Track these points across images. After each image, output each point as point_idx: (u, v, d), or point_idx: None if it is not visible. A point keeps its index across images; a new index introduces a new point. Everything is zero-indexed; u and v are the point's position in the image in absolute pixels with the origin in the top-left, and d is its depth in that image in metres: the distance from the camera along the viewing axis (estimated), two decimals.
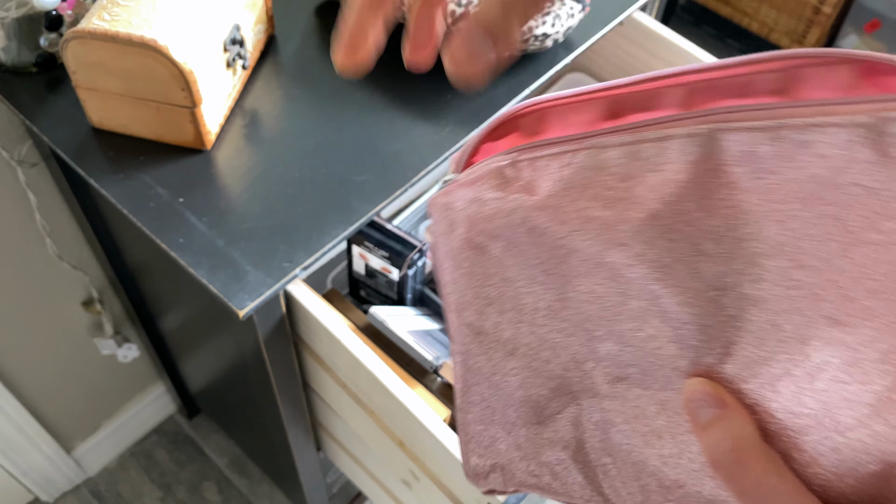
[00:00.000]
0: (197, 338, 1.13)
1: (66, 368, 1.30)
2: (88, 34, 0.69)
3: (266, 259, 0.73)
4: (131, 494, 1.52)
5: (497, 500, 0.70)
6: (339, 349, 0.77)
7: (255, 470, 1.56)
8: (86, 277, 1.19)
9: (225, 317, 0.88)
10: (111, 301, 1.27)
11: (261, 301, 0.70)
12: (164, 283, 1.05)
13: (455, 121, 0.84)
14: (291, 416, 0.96)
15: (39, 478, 1.41)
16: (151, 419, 1.57)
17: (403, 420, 0.76)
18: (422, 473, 0.83)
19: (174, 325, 1.19)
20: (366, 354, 0.75)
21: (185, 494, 1.52)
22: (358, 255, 0.92)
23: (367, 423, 0.86)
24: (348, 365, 0.78)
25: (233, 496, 1.53)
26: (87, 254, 1.17)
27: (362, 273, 0.95)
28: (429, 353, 0.84)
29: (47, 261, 1.12)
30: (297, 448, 1.04)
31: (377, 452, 0.91)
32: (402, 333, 0.85)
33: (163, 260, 0.93)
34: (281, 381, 0.87)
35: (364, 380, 0.77)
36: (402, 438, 0.81)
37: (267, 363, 0.82)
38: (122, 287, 1.16)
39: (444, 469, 0.76)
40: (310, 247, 0.74)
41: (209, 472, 1.55)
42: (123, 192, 0.74)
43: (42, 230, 1.07)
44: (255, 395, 1.02)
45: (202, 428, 1.60)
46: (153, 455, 1.57)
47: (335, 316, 0.76)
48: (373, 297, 0.99)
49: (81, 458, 1.47)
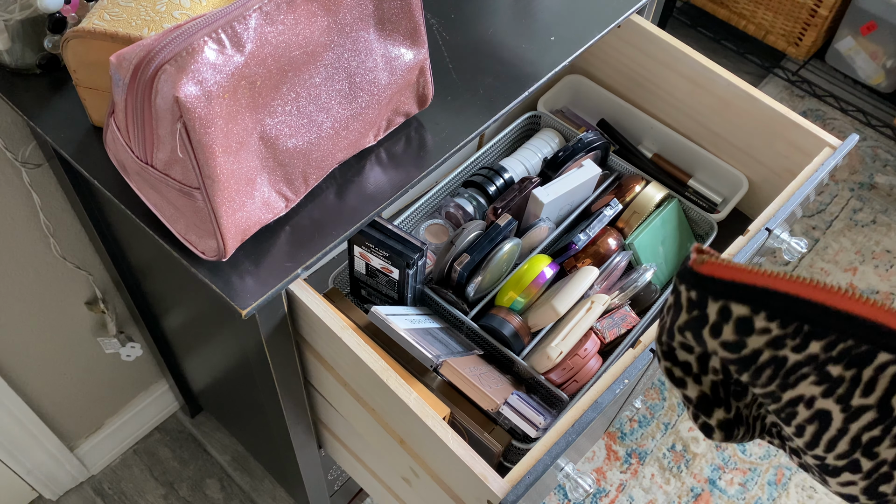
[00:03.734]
0: (199, 336, 1.13)
1: (70, 367, 1.31)
2: (88, 33, 0.70)
3: (268, 259, 0.74)
4: (134, 492, 1.52)
5: (497, 498, 0.71)
6: (340, 348, 0.77)
7: (258, 467, 1.56)
8: (89, 277, 1.20)
9: (227, 316, 0.89)
10: (114, 300, 1.28)
11: (263, 300, 0.71)
12: (167, 283, 1.05)
13: (456, 123, 0.85)
14: (293, 414, 0.97)
15: (43, 475, 1.42)
16: (154, 417, 1.58)
17: (404, 418, 0.77)
18: (422, 470, 0.84)
19: (177, 323, 1.19)
20: (366, 353, 0.76)
21: (188, 492, 1.53)
22: (359, 254, 0.93)
23: (368, 421, 0.87)
24: (349, 363, 0.79)
25: (235, 494, 1.54)
26: (90, 253, 1.18)
27: (363, 273, 0.96)
28: (429, 351, 0.85)
29: (51, 261, 1.13)
30: (298, 445, 1.05)
31: (378, 450, 0.92)
32: (402, 332, 0.85)
33: (166, 259, 0.94)
34: (283, 379, 0.88)
35: (365, 378, 0.78)
36: (402, 436, 0.81)
37: (269, 362, 0.83)
38: (126, 286, 1.17)
39: (444, 466, 0.77)
40: (311, 247, 0.75)
41: (212, 470, 1.56)
42: (125, 191, 0.75)
43: (46, 230, 1.08)
44: (258, 394, 1.02)
45: (205, 426, 1.61)
46: (156, 453, 1.57)
47: (336, 315, 0.77)
48: (373, 297, 1.00)
49: (85, 455, 1.48)
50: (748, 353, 0.41)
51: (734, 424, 0.50)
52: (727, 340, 0.41)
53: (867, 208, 2.07)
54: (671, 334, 0.44)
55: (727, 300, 0.40)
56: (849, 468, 0.43)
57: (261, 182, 0.71)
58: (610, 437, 1.67)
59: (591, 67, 1.21)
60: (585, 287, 0.96)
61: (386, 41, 0.76)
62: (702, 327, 0.41)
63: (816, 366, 0.39)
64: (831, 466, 0.43)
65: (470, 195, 1.09)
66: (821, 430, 0.42)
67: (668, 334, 0.45)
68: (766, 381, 0.41)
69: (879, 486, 0.42)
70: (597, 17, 0.96)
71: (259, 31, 0.62)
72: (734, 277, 0.39)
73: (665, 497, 1.61)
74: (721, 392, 0.48)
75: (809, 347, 0.39)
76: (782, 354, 0.40)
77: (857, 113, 2.24)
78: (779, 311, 0.38)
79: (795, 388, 0.41)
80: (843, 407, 0.40)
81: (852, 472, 0.43)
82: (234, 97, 0.63)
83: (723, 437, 0.50)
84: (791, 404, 0.42)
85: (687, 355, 0.46)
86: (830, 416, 0.41)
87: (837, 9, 2.06)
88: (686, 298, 0.41)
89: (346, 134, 0.76)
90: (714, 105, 1.08)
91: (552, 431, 0.75)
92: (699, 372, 0.47)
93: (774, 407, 0.43)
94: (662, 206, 1.10)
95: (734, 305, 0.39)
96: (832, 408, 0.40)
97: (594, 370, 0.95)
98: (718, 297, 0.40)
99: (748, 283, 0.39)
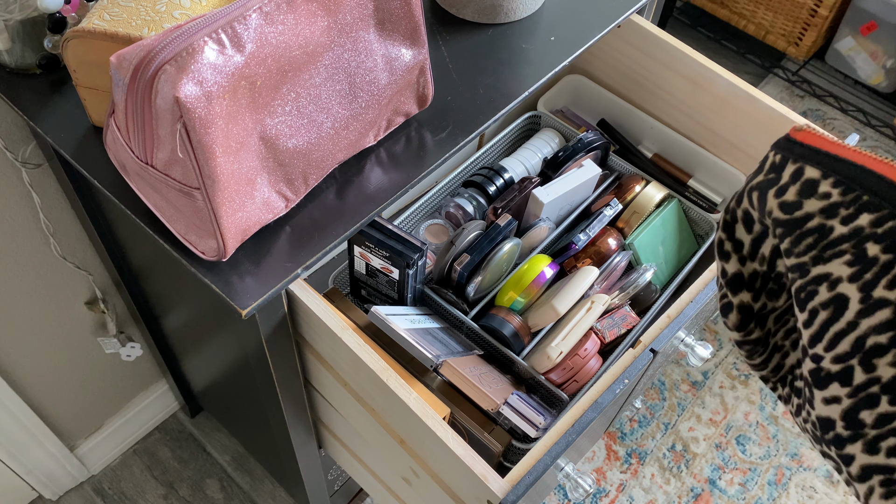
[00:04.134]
0: (200, 336, 1.13)
1: (70, 367, 1.31)
2: (88, 33, 0.70)
3: (268, 259, 0.74)
4: (134, 492, 1.52)
5: (497, 498, 0.71)
6: (340, 348, 0.77)
7: (258, 467, 1.57)
8: (89, 277, 1.20)
9: (227, 316, 0.89)
10: (115, 300, 1.28)
11: (263, 300, 0.71)
12: (167, 283, 1.05)
13: (456, 123, 0.85)
14: (293, 414, 0.97)
15: (43, 476, 1.42)
16: (154, 417, 1.58)
17: (404, 418, 0.77)
18: (422, 470, 0.84)
19: (177, 323, 1.19)
20: (366, 353, 0.76)
21: (188, 492, 1.53)
22: (359, 254, 0.93)
23: (368, 421, 0.87)
24: (349, 363, 0.79)
25: (235, 494, 1.54)
26: (90, 254, 1.18)
27: (363, 273, 0.96)
28: (429, 351, 0.85)
29: (51, 261, 1.13)
30: (298, 445, 1.05)
31: (378, 450, 0.92)
32: (402, 332, 0.85)
33: (166, 259, 0.94)
34: (283, 379, 0.88)
35: (365, 378, 0.78)
36: (402, 436, 0.81)
37: (269, 362, 0.83)
38: (126, 286, 1.17)
39: (444, 466, 0.77)
40: (311, 247, 0.75)
41: (212, 470, 1.56)
42: (125, 191, 0.75)
43: (46, 230, 1.08)
44: (258, 394, 1.02)
45: (205, 426, 1.61)
46: (156, 453, 1.57)
47: (336, 315, 0.77)
48: (373, 297, 1.00)
49: (85, 455, 1.48)
50: (800, 216, 0.42)
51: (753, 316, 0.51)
52: (787, 200, 0.42)
53: None
54: (740, 199, 0.46)
55: (805, 163, 0.42)
56: (840, 377, 0.43)
57: (261, 182, 0.71)
58: (610, 437, 1.67)
59: (591, 67, 1.21)
60: (585, 287, 0.96)
61: (386, 41, 0.76)
62: (770, 187, 0.43)
63: (857, 241, 0.40)
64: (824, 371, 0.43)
65: (470, 195, 1.09)
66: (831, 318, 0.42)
67: (737, 199, 0.47)
68: (803, 249, 0.42)
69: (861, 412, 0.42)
70: (597, 17, 0.96)
71: (259, 32, 0.62)
72: (821, 146, 0.41)
73: (665, 497, 1.61)
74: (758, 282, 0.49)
75: (859, 219, 0.40)
76: (830, 224, 0.41)
77: (857, 113, 2.24)
78: (846, 178, 0.40)
79: (827, 264, 0.42)
80: (863, 296, 0.40)
81: (842, 383, 0.43)
82: (235, 97, 0.63)
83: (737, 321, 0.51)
84: (815, 281, 0.42)
85: (744, 233, 0.48)
86: (847, 304, 0.41)
87: (837, 9, 2.06)
88: (770, 162, 0.44)
89: (346, 134, 0.76)
90: (714, 105, 1.08)
91: (552, 431, 0.75)
92: (747, 255, 0.48)
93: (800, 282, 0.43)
94: (662, 206, 1.10)
95: (808, 168, 0.41)
96: (853, 294, 0.41)
97: (594, 370, 0.95)
98: (798, 159, 0.42)
99: (830, 152, 0.41)
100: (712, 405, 1.73)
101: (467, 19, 0.94)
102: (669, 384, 1.75)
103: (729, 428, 1.70)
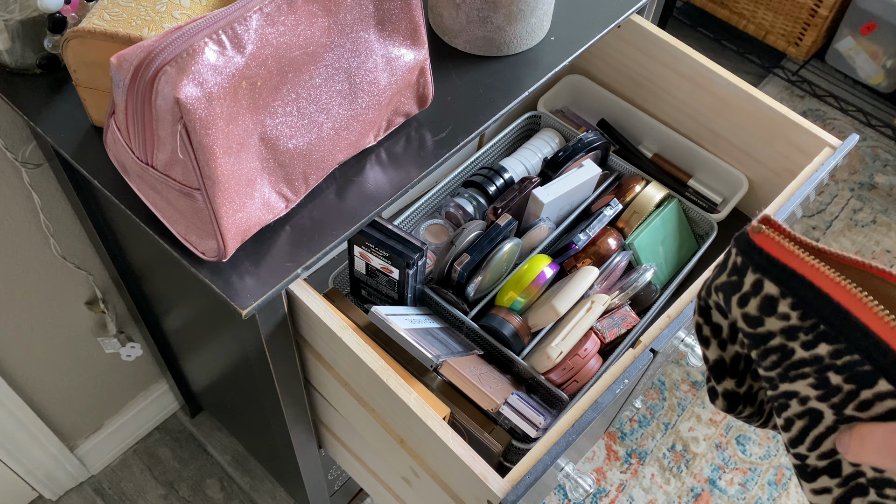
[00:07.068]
0: (199, 336, 1.13)
1: (70, 367, 1.31)
2: (88, 33, 0.70)
3: (268, 259, 0.74)
4: (134, 492, 1.53)
5: (497, 498, 0.71)
6: (340, 348, 0.77)
7: (258, 467, 1.57)
8: (89, 277, 1.20)
9: (227, 316, 0.89)
10: (115, 300, 1.28)
11: (263, 301, 0.71)
12: (168, 283, 1.06)
13: (456, 123, 0.85)
14: (293, 414, 0.97)
15: (43, 476, 1.42)
16: (154, 417, 1.58)
17: (404, 418, 0.77)
18: (422, 470, 0.84)
19: (177, 323, 1.19)
20: (366, 353, 0.76)
21: (188, 492, 1.53)
22: (359, 254, 0.93)
23: (368, 421, 0.87)
24: (349, 363, 0.79)
25: (235, 494, 1.54)
26: (90, 253, 1.18)
27: (363, 273, 0.96)
28: (429, 351, 0.85)
29: (51, 261, 1.13)
30: (298, 445, 1.05)
31: (378, 450, 0.92)
32: (402, 332, 0.85)
33: (166, 260, 0.94)
34: (283, 379, 0.88)
35: (365, 378, 0.78)
36: (402, 436, 0.82)
37: (269, 362, 0.83)
38: (126, 286, 1.17)
39: (444, 466, 0.77)
40: (311, 247, 0.75)
41: (212, 470, 1.56)
42: (126, 191, 0.75)
43: (46, 230, 1.08)
44: (258, 394, 1.02)
45: (205, 426, 1.61)
46: (156, 453, 1.58)
47: (336, 315, 0.77)
48: (373, 297, 1.00)
49: (85, 455, 1.48)
50: (763, 333, 0.41)
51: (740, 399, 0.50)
52: (749, 313, 0.41)
53: (867, 208, 2.07)
54: (709, 291, 0.45)
55: (763, 275, 0.40)
56: (828, 471, 0.42)
57: (261, 183, 0.71)
58: (610, 437, 1.67)
59: (591, 67, 1.21)
60: (585, 287, 0.96)
61: (386, 41, 0.76)
62: (734, 293, 0.42)
63: (819, 368, 0.39)
64: (811, 468, 0.43)
65: (470, 195, 1.09)
66: (809, 426, 0.41)
67: (707, 290, 0.45)
68: (769, 365, 0.41)
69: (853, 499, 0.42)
70: (597, 17, 0.96)
71: (260, 32, 0.62)
72: (779, 256, 0.39)
73: (665, 497, 1.61)
74: (741, 364, 0.48)
75: (818, 348, 0.38)
76: (791, 346, 0.40)
77: (857, 113, 2.24)
78: (803, 302, 0.38)
79: (793, 383, 0.41)
80: (836, 412, 0.39)
81: (831, 475, 0.42)
82: (235, 98, 0.63)
83: (725, 406, 0.50)
84: (785, 396, 0.42)
85: (721, 318, 0.46)
86: (821, 416, 0.40)
87: (837, 9, 2.07)
88: (732, 262, 0.42)
89: (346, 134, 0.76)
90: (714, 105, 1.08)
91: (552, 431, 0.75)
92: (727, 339, 0.47)
93: (771, 393, 0.43)
94: (662, 206, 1.10)
95: (767, 283, 0.40)
96: (825, 409, 0.40)
97: (594, 370, 0.95)
98: (757, 269, 0.40)
99: (788, 266, 0.39)
100: (712, 405, 1.73)
101: (459, 49, 0.91)
102: (669, 384, 1.75)
103: (729, 428, 1.70)
